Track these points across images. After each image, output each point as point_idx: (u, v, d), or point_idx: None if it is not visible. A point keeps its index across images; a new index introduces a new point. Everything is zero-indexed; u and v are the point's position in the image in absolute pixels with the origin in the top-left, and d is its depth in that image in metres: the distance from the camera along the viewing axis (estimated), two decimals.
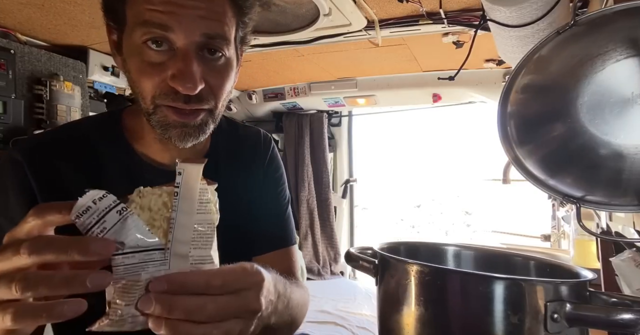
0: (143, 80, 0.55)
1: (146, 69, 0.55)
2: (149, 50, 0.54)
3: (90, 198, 0.37)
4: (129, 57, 0.56)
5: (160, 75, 0.54)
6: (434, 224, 7.41)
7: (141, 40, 0.54)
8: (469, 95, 2.36)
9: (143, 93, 0.56)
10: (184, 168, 0.41)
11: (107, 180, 0.63)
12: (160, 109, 0.57)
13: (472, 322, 0.48)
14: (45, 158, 0.60)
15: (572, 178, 0.67)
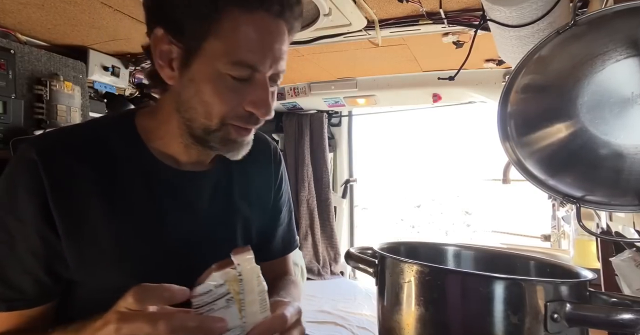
0: (219, 104, 0.60)
1: (224, 94, 0.59)
2: (230, 79, 0.59)
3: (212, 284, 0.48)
4: (204, 81, 0.59)
5: (238, 100, 0.60)
6: (434, 224, 7.41)
7: (226, 71, 0.58)
8: (469, 95, 2.36)
9: (212, 113, 0.60)
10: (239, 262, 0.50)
11: (122, 180, 0.64)
12: (226, 127, 0.62)
13: (472, 322, 0.48)
14: (60, 158, 0.61)
15: (572, 178, 0.67)
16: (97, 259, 0.62)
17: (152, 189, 0.66)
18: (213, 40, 0.58)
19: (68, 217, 0.60)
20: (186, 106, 0.62)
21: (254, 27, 0.58)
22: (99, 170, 0.63)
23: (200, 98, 0.60)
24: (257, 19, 0.58)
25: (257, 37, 0.58)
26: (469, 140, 7.16)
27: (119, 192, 0.63)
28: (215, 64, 0.58)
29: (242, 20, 0.57)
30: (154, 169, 0.67)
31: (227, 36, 0.57)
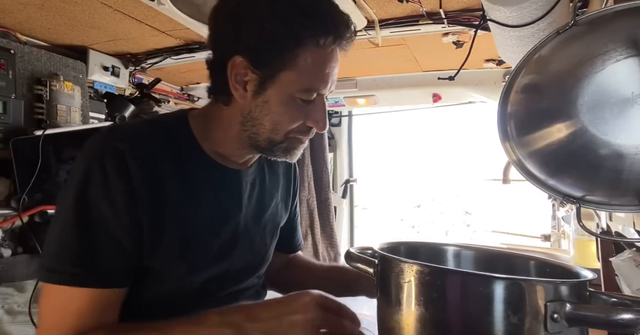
0: (288, 122, 0.70)
1: (293, 114, 0.70)
2: (299, 101, 0.69)
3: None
4: (277, 104, 0.69)
5: (302, 118, 0.71)
6: (434, 224, 7.41)
7: (297, 95, 0.68)
8: (469, 95, 2.36)
9: (280, 129, 0.70)
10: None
11: (187, 175, 0.71)
12: (290, 139, 0.72)
13: (472, 322, 0.48)
14: (143, 150, 0.67)
15: (572, 178, 0.67)
16: (168, 246, 0.68)
17: (211, 185, 0.74)
18: (288, 71, 0.67)
19: (150, 204, 0.66)
20: (255, 122, 0.71)
21: (324, 60, 0.68)
22: (170, 164, 0.69)
23: (272, 117, 0.70)
24: (327, 54, 0.68)
25: (325, 68, 0.68)
26: (469, 140, 7.17)
27: (186, 185, 0.71)
28: (288, 90, 0.68)
29: (315, 55, 0.67)
30: (210, 167, 0.75)
31: (302, 68, 0.67)
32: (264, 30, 0.65)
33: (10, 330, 1.26)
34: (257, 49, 0.66)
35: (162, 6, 1.33)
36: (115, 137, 0.66)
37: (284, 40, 0.65)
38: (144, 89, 2.14)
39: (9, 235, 1.60)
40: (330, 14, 0.68)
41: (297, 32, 0.64)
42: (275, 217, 0.89)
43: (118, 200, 0.63)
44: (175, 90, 2.47)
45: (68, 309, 0.61)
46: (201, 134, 0.75)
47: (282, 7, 0.65)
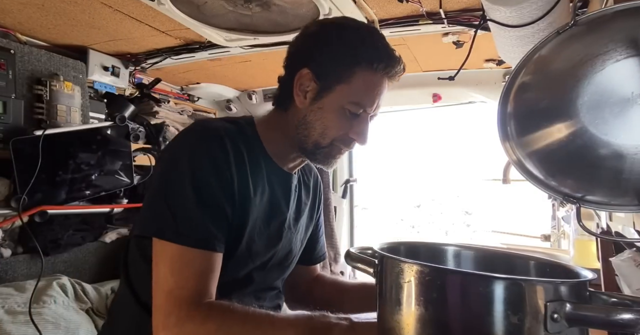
0: (335, 129, 0.82)
1: (341, 123, 0.82)
2: (348, 113, 0.81)
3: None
4: (329, 111, 0.81)
5: (347, 129, 0.82)
6: (434, 224, 7.41)
7: (347, 107, 0.81)
8: (469, 95, 2.36)
9: (327, 134, 0.82)
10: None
11: (256, 170, 0.82)
12: (332, 146, 0.84)
13: (472, 322, 0.48)
14: (233, 139, 0.78)
15: (572, 178, 0.67)
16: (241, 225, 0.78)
17: (270, 181, 0.85)
18: (344, 85, 0.80)
19: (239, 184, 0.77)
20: (308, 125, 0.83)
21: (374, 83, 0.81)
22: (248, 156, 0.80)
23: (323, 122, 0.82)
24: (377, 78, 0.81)
25: (373, 88, 0.81)
26: (469, 140, 7.17)
27: (257, 176, 0.81)
28: (341, 101, 0.81)
29: (368, 76, 0.80)
30: (270, 165, 0.86)
31: (356, 85, 0.80)
32: (330, 49, 0.81)
33: (10, 330, 1.26)
34: (322, 64, 0.81)
35: (162, 6, 1.33)
36: (211, 127, 0.79)
37: (345, 59, 0.79)
38: (144, 89, 2.14)
39: (9, 235, 1.60)
40: (385, 47, 0.82)
41: (356, 54, 0.79)
42: (305, 224, 0.98)
43: (223, 177, 0.74)
44: (175, 90, 2.47)
45: (192, 270, 0.68)
46: (264, 137, 0.87)
47: (348, 35, 0.81)
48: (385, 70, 0.81)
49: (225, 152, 0.75)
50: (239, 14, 1.40)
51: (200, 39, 1.73)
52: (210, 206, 0.72)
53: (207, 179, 0.73)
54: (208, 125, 0.80)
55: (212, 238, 0.71)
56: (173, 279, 0.67)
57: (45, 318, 1.34)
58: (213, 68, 2.11)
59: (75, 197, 1.66)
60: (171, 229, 0.69)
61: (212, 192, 0.73)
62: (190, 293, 0.67)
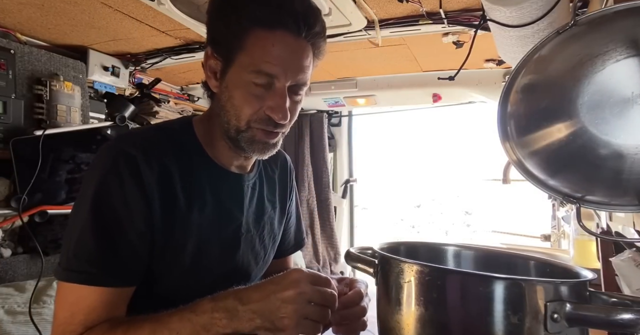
0: (245, 107, 0.71)
1: (249, 99, 0.70)
2: (254, 86, 0.69)
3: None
4: (235, 88, 0.71)
5: (260, 105, 0.71)
6: (434, 224, 7.41)
7: (250, 79, 0.69)
8: (469, 95, 2.36)
9: (240, 115, 0.71)
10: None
11: (194, 179, 0.75)
12: (252, 129, 0.72)
13: (472, 322, 0.48)
14: (154, 155, 0.70)
15: (572, 178, 0.67)
16: (177, 248, 0.72)
17: (215, 188, 0.77)
18: (241, 54, 0.69)
19: (161, 207, 0.69)
20: (223, 109, 0.73)
21: (274, 43, 0.68)
22: (178, 168, 0.73)
23: (232, 102, 0.71)
24: (278, 36, 0.68)
25: (276, 51, 0.68)
26: (469, 140, 7.16)
27: (193, 189, 0.74)
28: (242, 73, 0.69)
29: (263, 37, 0.68)
30: (214, 171, 0.78)
31: (252, 50, 0.68)
32: (220, 17, 0.71)
33: (10, 330, 1.26)
34: (216, 36, 0.72)
35: (162, 6, 1.33)
36: (127, 143, 0.70)
37: (233, 24, 0.69)
38: (144, 89, 2.14)
39: (9, 235, 1.60)
40: (283, 1, 0.68)
41: (243, 15, 0.68)
42: (273, 221, 0.91)
43: (133, 204, 0.67)
44: (175, 90, 2.47)
45: (80, 306, 0.64)
46: (204, 139, 0.78)
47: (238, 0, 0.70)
48: (287, 27, 0.67)
49: (138, 175, 0.67)
50: None
51: (200, 39, 1.73)
52: (111, 238, 0.65)
53: (112, 208, 0.66)
54: (122, 144, 0.70)
55: (106, 273, 0.65)
56: (62, 314, 0.64)
57: (45, 318, 1.34)
58: None
59: (75, 197, 1.66)
60: (63, 266, 0.65)
61: (116, 222, 0.66)
62: (76, 328, 0.63)
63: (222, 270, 0.79)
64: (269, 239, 0.90)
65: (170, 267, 0.72)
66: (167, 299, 0.72)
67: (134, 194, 0.67)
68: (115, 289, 0.66)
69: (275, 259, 0.97)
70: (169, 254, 0.71)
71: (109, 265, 0.65)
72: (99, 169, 0.68)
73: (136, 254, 0.68)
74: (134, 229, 0.67)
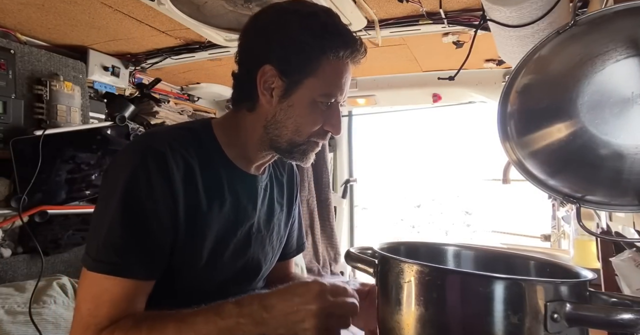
0: (310, 124, 0.78)
1: (315, 117, 0.78)
2: (319, 105, 0.77)
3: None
4: (301, 107, 0.76)
5: (321, 122, 0.78)
6: (434, 224, 7.41)
7: (318, 99, 0.76)
8: (469, 95, 2.36)
9: (303, 131, 0.78)
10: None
11: (214, 177, 0.78)
12: (310, 142, 0.80)
13: (472, 322, 0.48)
14: (181, 152, 0.73)
15: (572, 178, 0.67)
16: (197, 244, 0.75)
17: (233, 187, 0.81)
18: (312, 78, 0.75)
19: (187, 203, 0.73)
20: (278, 125, 0.78)
21: (341, 70, 0.77)
22: (200, 167, 0.76)
23: (295, 120, 0.77)
24: (344, 63, 0.77)
25: (341, 77, 0.77)
26: (469, 140, 7.16)
27: (213, 187, 0.77)
28: (312, 95, 0.76)
29: (335, 65, 0.76)
30: (232, 171, 0.81)
31: (323, 75, 0.75)
32: (293, 41, 0.75)
33: (10, 330, 1.26)
34: (286, 58, 0.75)
35: (162, 6, 1.33)
36: (155, 140, 0.73)
37: (311, 50, 0.74)
38: (144, 89, 2.14)
39: (9, 235, 1.60)
40: (347, 30, 0.77)
41: (322, 43, 0.74)
42: (281, 222, 0.95)
43: (160, 199, 0.70)
44: (175, 90, 2.47)
45: (104, 298, 0.66)
46: (224, 140, 0.82)
47: (308, 23, 0.74)
48: (351, 56, 0.77)
49: (166, 170, 0.70)
50: (239, 14, 1.40)
51: (200, 39, 1.73)
52: (139, 231, 0.68)
53: (140, 202, 0.68)
54: (150, 141, 0.73)
55: (132, 265, 0.67)
56: (86, 305, 0.66)
57: (45, 318, 1.34)
58: (213, 68, 2.11)
59: (75, 197, 1.66)
60: (91, 257, 0.67)
61: (144, 215, 0.68)
62: (101, 320, 0.65)
63: (234, 268, 0.82)
64: (277, 239, 0.94)
65: (188, 262, 0.75)
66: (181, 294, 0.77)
67: (162, 189, 0.69)
68: (139, 282, 0.68)
69: (278, 262, 0.99)
70: (188, 249, 0.74)
71: (135, 257, 0.68)
72: (128, 164, 0.70)
73: (160, 248, 0.71)
74: (161, 223, 0.70)
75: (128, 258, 0.67)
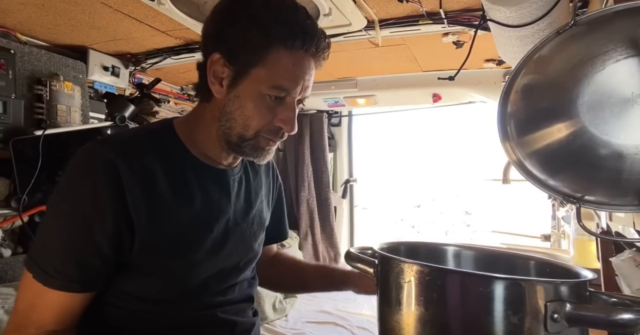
0: (257, 118, 0.74)
1: (263, 111, 0.74)
2: (268, 99, 0.74)
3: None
4: (247, 99, 0.74)
5: (271, 117, 0.75)
6: (434, 224, 7.40)
7: (265, 92, 0.73)
8: (469, 95, 2.36)
9: (250, 125, 0.74)
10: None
11: (179, 177, 0.76)
12: (259, 138, 0.76)
13: (472, 322, 0.48)
14: (134, 155, 0.71)
15: (572, 178, 0.67)
16: (167, 244, 0.73)
17: (201, 184, 0.79)
18: (259, 68, 0.72)
19: (145, 206, 0.70)
20: (228, 117, 0.75)
21: (293, 61, 0.73)
22: (161, 167, 0.74)
23: (242, 112, 0.74)
24: (296, 55, 0.73)
25: (293, 69, 0.73)
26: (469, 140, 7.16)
27: (178, 186, 0.76)
28: (258, 86, 0.73)
29: (284, 55, 0.72)
30: (199, 168, 0.80)
31: (271, 66, 0.72)
32: (239, 30, 0.72)
33: None
34: (231, 47, 0.73)
35: (162, 6, 1.33)
36: (105, 147, 0.71)
37: (256, 40, 0.71)
38: (144, 89, 2.14)
39: (9, 235, 1.60)
40: (301, 22, 0.73)
41: (267, 33, 0.71)
42: (261, 213, 0.94)
43: (105, 208, 0.67)
44: (175, 90, 2.47)
45: (35, 303, 0.66)
46: (187, 138, 0.80)
47: (258, 12, 0.72)
48: (303, 48, 0.72)
49: (115, 179, 0.67)
50: None
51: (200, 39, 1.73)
52: (81, 243, 0.67)
53: (83, 211, 0.67)
54: (99, 149, 0.71)
55: (67, 282, 0.66)
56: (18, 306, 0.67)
57: None
58: None
59: None
60: (31, 256, 0.67)
61: (88, 225, 0.67)
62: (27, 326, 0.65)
63: (214, 263, 0.81)
64: (259, 229, 0.93)
65: (164, 263, 0.74)
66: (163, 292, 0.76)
67: (108, 199, 0.67)
68: (74, 295, 0.67)
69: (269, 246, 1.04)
70: (160, 251, 0.73)
71: (72, 273, 0.66)
72: (75, 173, 0.69)
73: (103, 259, 0.68)
74: (104, 234, 0.67)
75: (66, 273, 0.66)
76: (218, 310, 0.82)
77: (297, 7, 0.74)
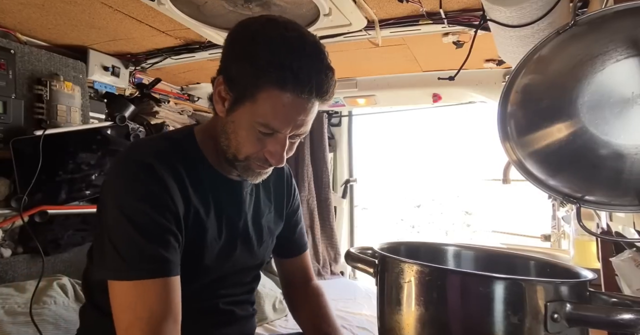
0: (247, 146, 0.77)
1: (252, 141, 0.76)
2: (258, 132, 0.75)
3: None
4: (240, 127, 0.76)
5: (260, 147, 0.77)
6: (434, 224, 7.40)
7: (255, 126, 0.74)
8: (469, 95, 2.36)
9: (241, 150, 0.77)
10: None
11: (200, 186, 0.80)
12: (249, 161, 0.78)
13: (472, 322, 0.48)
14: (166, 162, 0.75)
15: (572, 178, 0.67)
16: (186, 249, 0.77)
17: (218, 194, 0.83)
18: (250, 103, 0.73)
19: (185, 210, 0.76)
20: (225, 136, 0.79)
21: (284, 104, 0.72)
22: (186, 175, 0.78)
23: (235, 136, 0.77)
24: (288, 98, 0.71)
25: (284, 110, 0.72)
26: (469, 140, 7.16)
27: (199, 194, 0.79)
28: (249, 119, 0.74)
29: (274, 95, 0.71)
30: (216, 178, 0.84)
31: (262, 104, 0.72)
32: (236, 64, 0.74)
33: (11, 331, 1.26)
34: (232, 75, 0.75)
35: (162, 6, 1.33)
36: (139, 154, 0.76)
37: (248, 78, 0.72)
38: (144, 89, 2.14)
39: (9, 235, 1.60)
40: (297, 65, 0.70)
41: (258, 74, 0.71)
42: (270, 223, 0.97)
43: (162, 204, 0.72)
44: (175, 90, 2.47)
45: (142, 303, 0.68)
46: (206, 148, 0.84)
47: (257, 52, 0.71)
48: (295, 93, 0.70)
49: (158, 179, 0.73)
50: (239, 14, 1.40)
51: (200, 39, 1.73)
52: (153, 232, 0.71)
53: (142, 210, 0.71)
54: (136, 155, 0.76)
55: (161, 263, 0.70)
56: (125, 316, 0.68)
57: (46, 319, 1.34)
58: (213, 68, 2.09)
59: (75, 197, 1.66)
60: (121, 268, 0.69)
61: (151, 219, 0.71)
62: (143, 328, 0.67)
63: (219, 268, 0.85)
64: (269, 238, 0.96)
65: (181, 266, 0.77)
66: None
67: (161, 198, 0.72)
68: (175, 278, 0.71)
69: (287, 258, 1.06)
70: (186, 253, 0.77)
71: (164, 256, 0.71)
72: (120, 183, 0.73)
73: (175, 248, 0.73)
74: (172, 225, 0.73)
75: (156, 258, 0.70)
76: (220, 302, 0.87)
77: (306, 54, 0.71)
